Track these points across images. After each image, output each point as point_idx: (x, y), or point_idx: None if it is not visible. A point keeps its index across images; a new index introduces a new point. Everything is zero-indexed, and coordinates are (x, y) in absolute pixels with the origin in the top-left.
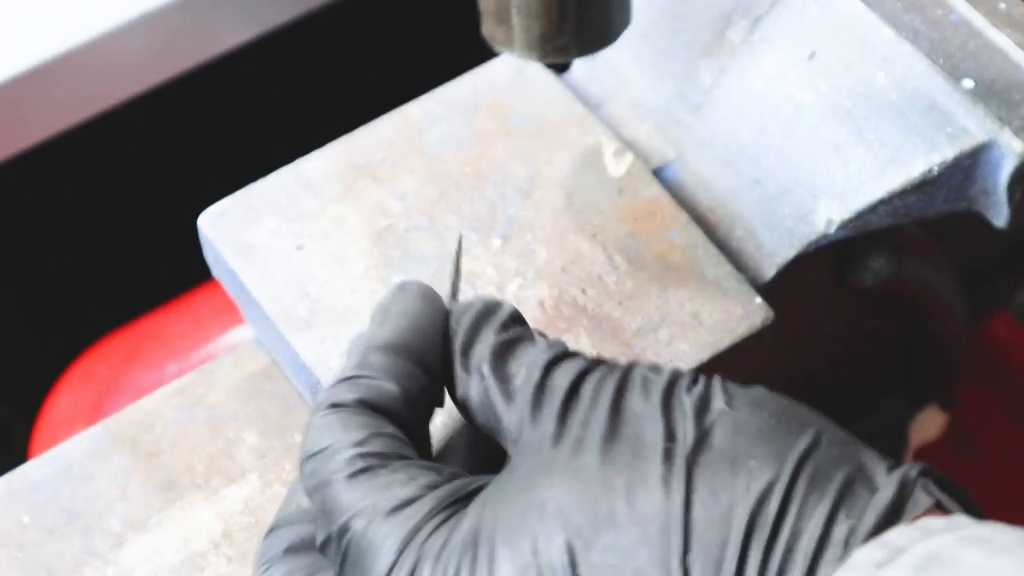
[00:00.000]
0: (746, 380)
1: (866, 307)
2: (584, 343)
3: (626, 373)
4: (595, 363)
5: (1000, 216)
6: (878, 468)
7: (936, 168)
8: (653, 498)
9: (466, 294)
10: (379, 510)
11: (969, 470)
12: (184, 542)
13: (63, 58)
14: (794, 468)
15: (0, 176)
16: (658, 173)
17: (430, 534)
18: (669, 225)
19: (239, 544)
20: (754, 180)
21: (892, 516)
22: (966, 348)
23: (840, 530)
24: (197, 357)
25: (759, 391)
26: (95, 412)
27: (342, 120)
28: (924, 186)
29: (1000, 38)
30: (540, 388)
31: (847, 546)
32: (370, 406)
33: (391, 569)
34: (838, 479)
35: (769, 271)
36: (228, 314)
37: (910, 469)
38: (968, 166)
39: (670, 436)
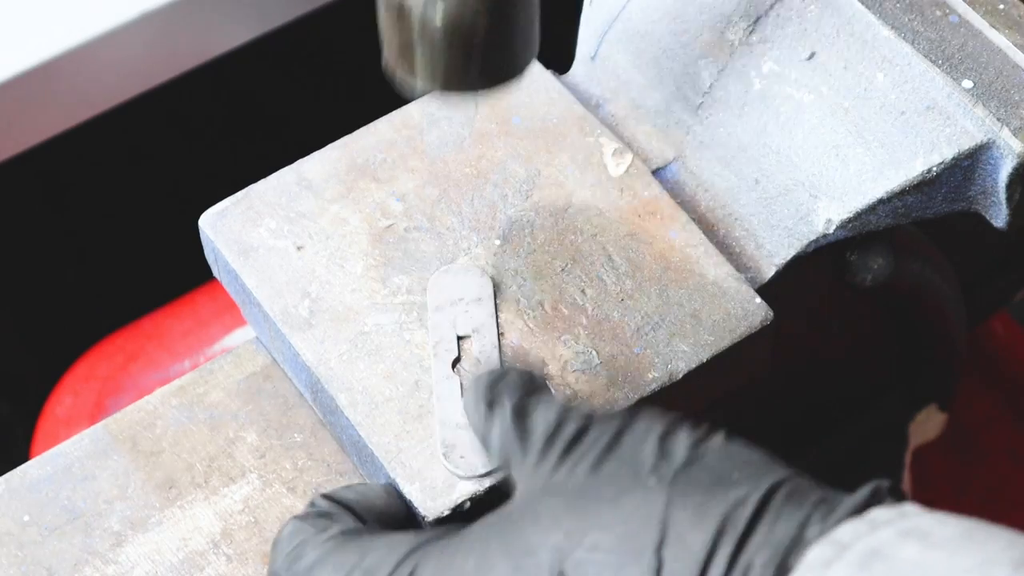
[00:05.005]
0: (746, 380)
1: (866, 307)
2: (584, 343)
3: (633, 415)
4: (607, 414)
5: (999, 216)
6: (853, 494)
7: (935, 168)
8: (636, 500)
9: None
10: (375, 546)
11: (969, 470)
12: (184, 541)
13: (63, 58)
14: (773, 484)
15: (0, 176)
16: (658, 173)
17: (427, 546)
18: (669, 225)
19: (239, 543)
20: (754, 180)
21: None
22: (966, 348)
23: (813, 531)
24: (198, 357)
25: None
26: (96, 412)
27: (342, 120)
28: (923, 186)
29: (999, 38)
30: (551, 438)
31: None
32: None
33: (394, 570)
34: (813, 497)
35: (769, 271)
36: (229, 314)
37: (881, 482)
38: (967, 166)
39: (663, 455)
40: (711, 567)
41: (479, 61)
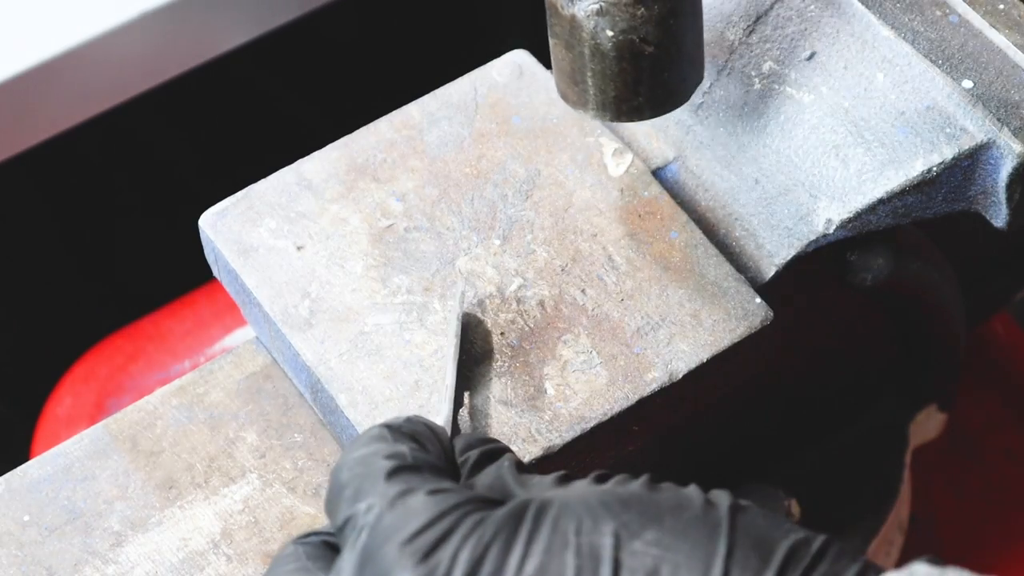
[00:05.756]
0: (746, 380)
1: (866, 307)
2: (584, 343)
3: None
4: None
5: (999, 216)
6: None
7: (935, 168)
8: (697, 515)
9: (466, 294)
10: (418, 488)
11: (969, 470)
12: (184, 541)
13: (63, 58)
14: (826, 538)
15: (0, 176)
16: (658, 173)
17: (469, 510)
18: (669, 225)
19: (239, 543)
20: (754, 180)
21: None
22: (966, 348)
23: (871, 573)
24: (198, 357)
25: None
26: (96, 412)
27: (342, 120)
28: (923, 186)
29: (999, 38)
30: (565, 477)
31: None
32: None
33: (421, 529)
34: (863, 557)
35: (769, 271)
36: (229, 314)
37: (932, 557)
38: (967, 166)
39: (708, 499)
40: None
41: (648, 83)
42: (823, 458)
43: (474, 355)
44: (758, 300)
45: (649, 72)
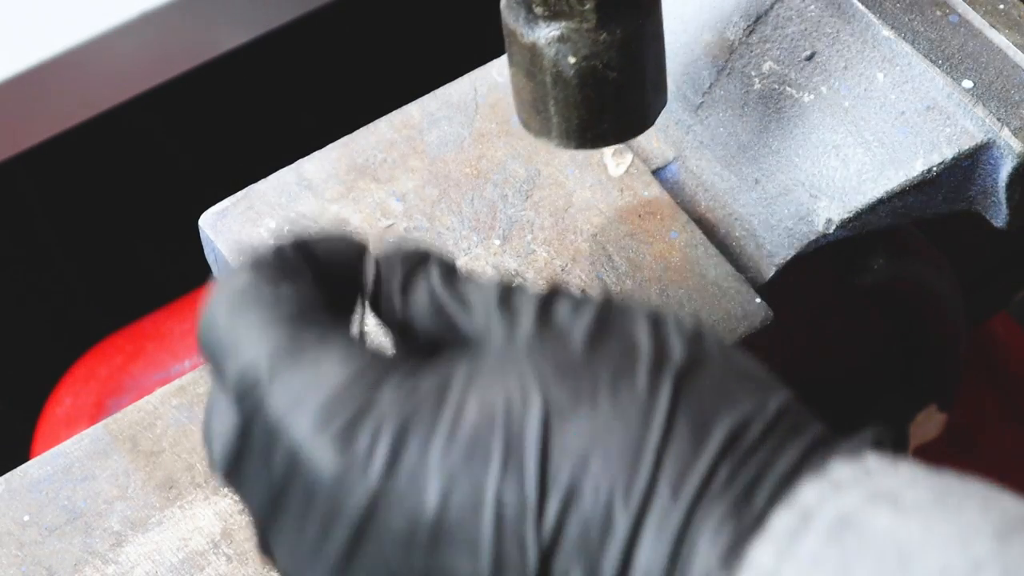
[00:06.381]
0: None
1: (866, 307)
2: None
3: (606, 298)
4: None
5: (999, 216)
6: (849, 441)
7: (935, 168)
8: (637, 395)
9: None
10: (316, 344)
11: (968, 470)
12: (184, 541)
13: (63, 58)
14: (778, 409)
15: (0, 176)
16: (658, 173)
17: (389, 366)
18: (669, 225)
19: (239, 543)
20: (754, 180)
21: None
22: (966, 348)
23: (815, 460)
24: (198, 357)
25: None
26: (96, 412)
27: (342, 120)
28: (923, 186)
29: (999, 38)
30: (506, 295)
31: (821, 473)
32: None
33: (334, 400)
34: (816, 428)
35: (769, 271)
36: None
37: (880, 431)
38: (967, 166)
39: (660, 350)
40: (712, 482)
41: (613, 109)
42: None
43: None
44: (758, 300)
45: (613, 98)
